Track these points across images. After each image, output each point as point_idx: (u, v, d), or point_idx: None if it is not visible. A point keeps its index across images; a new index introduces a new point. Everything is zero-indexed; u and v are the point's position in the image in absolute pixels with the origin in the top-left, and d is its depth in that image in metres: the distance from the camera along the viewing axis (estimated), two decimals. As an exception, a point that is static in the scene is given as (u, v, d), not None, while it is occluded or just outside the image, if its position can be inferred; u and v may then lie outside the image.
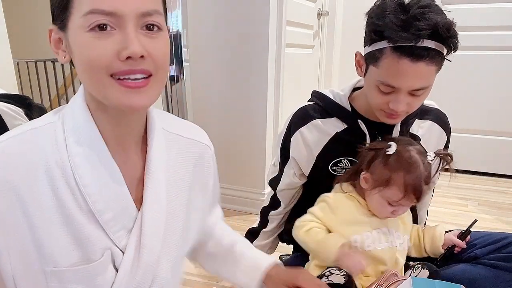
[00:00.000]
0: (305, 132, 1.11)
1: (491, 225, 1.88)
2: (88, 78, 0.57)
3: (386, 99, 0.93)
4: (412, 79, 0.88)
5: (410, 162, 0.90)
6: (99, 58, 0.54)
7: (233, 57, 1.88)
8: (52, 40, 0.60)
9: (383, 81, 0.91)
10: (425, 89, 0.92)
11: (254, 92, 1.87)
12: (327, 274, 0.94)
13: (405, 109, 0.93)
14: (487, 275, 0.98)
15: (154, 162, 0.67)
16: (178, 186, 0.73)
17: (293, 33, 2.08)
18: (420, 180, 0.91)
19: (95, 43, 0.54)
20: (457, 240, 1.03)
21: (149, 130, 0.68)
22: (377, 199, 0.94)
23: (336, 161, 1.10)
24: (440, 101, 1.28)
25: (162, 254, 0.69)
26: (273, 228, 1.31)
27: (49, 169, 0.58)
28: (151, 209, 0.66)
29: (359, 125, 1.06)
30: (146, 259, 0.66)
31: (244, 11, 1.81)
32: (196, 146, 0.77)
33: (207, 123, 2.00)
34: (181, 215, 0.73)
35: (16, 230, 0.57)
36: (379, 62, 0.91)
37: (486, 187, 2.42)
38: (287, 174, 1.20)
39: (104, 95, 0.57)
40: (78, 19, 0.54)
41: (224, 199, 2.00)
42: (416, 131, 1.10)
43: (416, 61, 0.86)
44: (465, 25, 2.49)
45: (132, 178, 0.66)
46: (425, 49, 0.86)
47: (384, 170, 0.92)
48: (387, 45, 0.88)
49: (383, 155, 0.93)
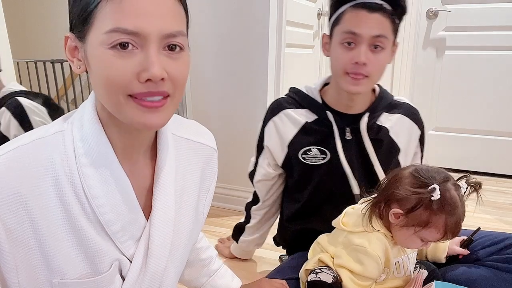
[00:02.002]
0: (277, 121, 1.19)
1: (491, 225, 1.88)
2: (104, 94, 0.56)
3: (350, 55, 1.02)
4: (370, 25, 1.00)
5: (451, 204, 0.86)
6: (118, 78, 0.53)
7: (233, 57, 1.88)
8: (68, 48, 0.59)
9: (346, 30, 1.03)
10: (383, 41, 1.02)
11: (254, 92, 1.87)
12: (316, 271, 0.95)
13: (367, 63, 1.01)
14: (488, 276, 0.98)
15: (164, 171, 0.66)
16: (186, 194, 0.72)
17: (293, 33, 2.08)
18: (460, 220, 0.87)
19: (115, 62, 0.53)
20: (461, 250, 1.03)
21: (159, 139, 0.67)
22: (410, 237, 0.89)
23: (306, 149, 1.15)
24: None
25: (169, 262, 0.68)
26: (255, 223, 1.36)
27: (57, 180, 0.57)
28: (160, 219, 0.65)
29: (328, 116, 1.13)
30: (154, 268, 0.65)
31: (244, 11, 1.80)
32: (204, 150, 0.76)
33: (207, 123, 1.99)
34: (188, 223, 0.73)
35: (25, 244, 0.55)
36: (341, 20, 1.04)
37: (486, 187, 2.41)
38: (262, 165, 1.26)
39: (119, 112, 0.56)
40: (100, 35, 0.53)
41: (223, 199, 2.00)
42: (384, 123, 1.15)
43: (372, 12, 1.00)
44: (465, 25, 2.50)
45: (140, 187, 0.65)
46: (379, 4, 1.01)
47: (425, 212, 0.86)
48: (347, 5, 1.03)
49: (427, 200, 0.86)
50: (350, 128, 1.13)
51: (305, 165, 1.16)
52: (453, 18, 2.51)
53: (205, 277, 0.94)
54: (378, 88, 1.18)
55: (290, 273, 1.10)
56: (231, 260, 1.49)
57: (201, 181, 0.75)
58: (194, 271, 0.92)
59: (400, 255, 0.95)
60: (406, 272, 0.96)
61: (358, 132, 1.13)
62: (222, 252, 1.53)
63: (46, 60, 2.86)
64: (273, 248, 1.46)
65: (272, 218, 1.38)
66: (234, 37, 1.86)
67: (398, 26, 1.06)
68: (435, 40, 2.58)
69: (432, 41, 2.59)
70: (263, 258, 1.52)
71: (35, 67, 2.82)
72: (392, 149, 1.15)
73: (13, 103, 1.38)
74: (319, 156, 1.14)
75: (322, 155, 1.14)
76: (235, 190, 1.97)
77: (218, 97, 1.96)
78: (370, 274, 0.91)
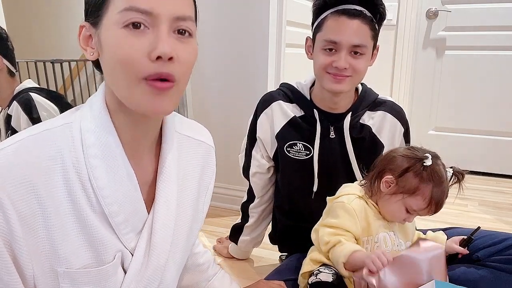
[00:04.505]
0: (269, 113, 1.22)
1: (491, 225, 1.88)
2: (116, 76, 0.57)
3: (330, 59, 1.06)
4: (350, 34, 1.04)
5: (440, 176, 0.92)
6: (130, 56, 0.54)
7: (233, 57, 1.88)
8: (82, 36, 0.61)
9: (326, 39, 1.06)
10: (363, 49, 1.06)
11: (254, 92, 1.87)
12: (315, 273, 0.96)
13: (348, 68, 1.05)
14: (488, 277, 0.98)
15: (167, 165, 0.68)
16: (187, 189, 0.73)
17: (293, 33, 2.07)
18: (444, 194, 0.93)
19: (127, 40, 0.54)
20: (460, 249, 1.03)
21: (164, 134, 0.69)
22: (397, 205, 0.95)
23: (291, 143, 1.19)
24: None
25: (170, 257, 0.69)
26: (254, 222, 1.37)
27: (65, 170, 0.58)
28: (162, 211, 0.66)
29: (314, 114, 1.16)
30: (156, 260, 0.66)
31: (244, 11, 1.80)
32: (203, 147, 0.78)
33: (207, 123, 1.99)
34: (188, 218, 0.74)
35: (35, 231, 0.57)
36: (323, 26, 1.08)
37: (486, 187, 2.42)
38: (256, 157, 1.28)
39: (130, 96, 0.57)
40: (114, 15, 0.55)
41: (223, 199, 2.00)
42: (366, 121, 1.18)
43: (352, 18, 1.03)
44: (465, 25, 2.50)
45: (143, 180, 0.66)
46: (359, 11, 1.04)
47: (414, 179, 0.93)
48: (328, 11, 1.07)
49: (419, 165, 0.93)
50: (334, 127, 1.16)
51: (288, 159, 1.19)
52: (453, 18, 2.51)
53: (204, 282, 0.94)
54: (361, 87, 1.21)
55: (288, 274, 1.10)
56: (229, 260, 1.49)
57: (201, 178, 0.77)
58: (193, 277, 0.93)
59: (387, 230, 0.98)
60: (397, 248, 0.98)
61: (342, 131, 1.15)
62: (220, 252, 1.53)
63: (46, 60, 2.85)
64: (273, 248, 1.46)
65: (270, 215, 1.38)
66: (234, 37, 1.86)
67: (378, 32, 1.09)
68: (435, 40, 2.58)
69: (432, 41, 2.59)
70: (263, 258, 1.52)
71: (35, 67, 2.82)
72: (375, 146, 1.18)
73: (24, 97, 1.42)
74: (302, 152, 1.18)
75: (306, 151, 1.17)
76: (235, 190, 1.96)
77: (218, 96, 1.96)
78: (345, 226, 0.95)
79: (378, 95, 1.21)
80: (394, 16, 2.58)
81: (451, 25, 2.52)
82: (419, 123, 2.65)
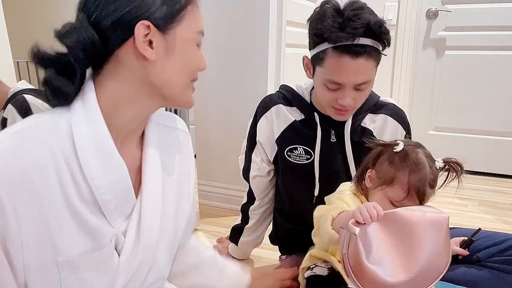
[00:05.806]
0: (269, 116, 1.20)
1: (491, 225, 1.88)
2: (180, 76, 0.68)
3: (334, 95, 1.02)
4: (354, 74, 0.97)
5: (416, 162, 0.90)
6: (196, 65, 0.72)
7: (233, 57, 1.88)
8: (142, 37, 0.63)
9: (329, 79, 1.00)
10: (368, 83, 1.01)
11: (254, 92, 1.87)
12: (311, 267, 0.98)
13: (352, 104, 1.02)
14: (488, 277, 0.98)
15: (151, 152, 0.73)
16: (169, 174, 0.77)
17: (293, 33, 2.07)
18: (424, 182, 0.89)
19: (197, 54, 0.73)
20: (460, 250, 1.03)
21: (148, 124, 0.74)
22: (380, 198, 0.93)
23: (291, 147, 1.18)
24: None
25: (159, 239, 0.73)
26: (254, 223, 1.37)
27: (56, 161, 0.60)
28: (149, 193, 0.71)
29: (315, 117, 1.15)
30: (146, 240, 0.70)
31: (244, 11, 1.80)
32: (179, 134, 0.82)
33: (207, 122, 2.00)
34: (173, 201, 0.78)
35: (33, 223, 0.58)
36: (323, 62, 1.00)
37: (486, 187, 2.42)
38: (256, 161, 1.27)
39: (182, 91, 0.69)
40: (192, 33, 0.72)
41: (223, 199, 2.00)
42: (368, 125, 1.16)
43: (356, 57, 0.95)
44: (465, 25, 2.50)
45: (130, 167, 0.68)
46: (362, 46, 0.95)
47: (389, 168, 0.92)
48: (328, 46, 0.97)
49: (390, 152, 0.93)
50: (335, 130, 1.15)
51: (289, 163, 1.18)
52: (453, 18, 2.51)
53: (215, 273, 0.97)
54: None
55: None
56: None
57: (180, 163, 0.81)
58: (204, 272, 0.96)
59: None
60: None
61: (342, 135, 1.14)
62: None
63: (46, 60, 2.86)
64: (273, 248, 1.46)
65: (270, 217, 1.38)
66: (234, 37, 1.86)
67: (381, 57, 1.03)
68: (435, 40, 2.58)
69: (432, 41, 2.59)
70: (263, 258, 1.52)
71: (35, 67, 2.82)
72: None
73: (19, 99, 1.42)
74: (303, 156, 1.17)
75: (307, 155, 1.17)
76: (235, 190, 1.96)
77: (218, 97, 1.96)
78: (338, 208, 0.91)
79: (379, 97, 1.20)
80: (394, 16, 2.58)
81: (451, 25, 2.52)
82: (419, 123, 2.64)
